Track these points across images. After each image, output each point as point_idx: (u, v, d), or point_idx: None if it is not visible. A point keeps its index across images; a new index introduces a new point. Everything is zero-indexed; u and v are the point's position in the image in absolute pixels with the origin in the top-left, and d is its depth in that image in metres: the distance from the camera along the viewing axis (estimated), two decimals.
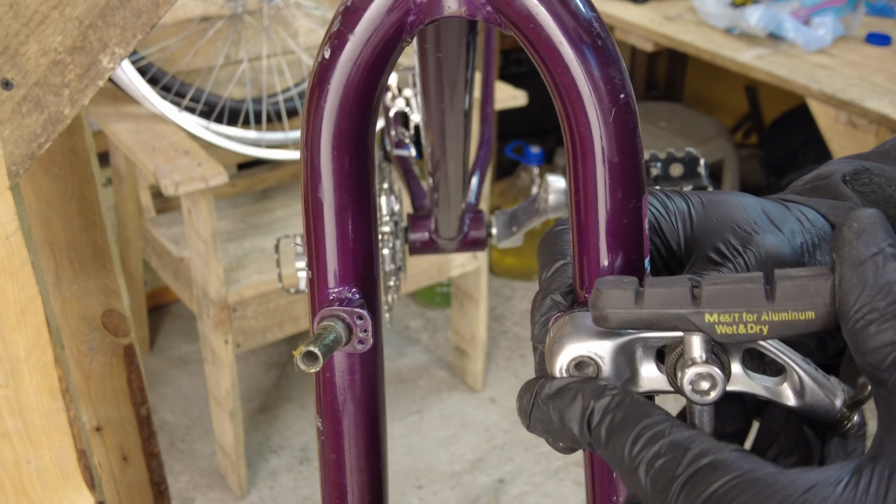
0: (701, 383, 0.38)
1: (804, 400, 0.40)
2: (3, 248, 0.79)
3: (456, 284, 2.35)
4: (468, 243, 1.13)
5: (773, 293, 0.36)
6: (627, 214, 0.41)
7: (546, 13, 0.40)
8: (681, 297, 0.37)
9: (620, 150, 0.41)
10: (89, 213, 1.06)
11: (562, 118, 0.42)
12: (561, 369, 0.40)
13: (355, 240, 0.45)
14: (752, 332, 0.36)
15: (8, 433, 0.88)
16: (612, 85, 0.40)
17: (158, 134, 1.90)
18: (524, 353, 2.57)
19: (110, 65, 0.73)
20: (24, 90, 0.72)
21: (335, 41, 0.42)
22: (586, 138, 0.41)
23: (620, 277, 0.38)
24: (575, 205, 0.42)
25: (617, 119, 0.40)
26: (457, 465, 2.20)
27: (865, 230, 0.36)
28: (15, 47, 0.71)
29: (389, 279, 1.15)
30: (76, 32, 0.71)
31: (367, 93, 0.43)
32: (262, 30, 2.17)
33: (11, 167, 0.75)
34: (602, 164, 0.41)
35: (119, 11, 0.71)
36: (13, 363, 0.85)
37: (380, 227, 1.12)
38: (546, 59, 0.40)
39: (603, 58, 0.40)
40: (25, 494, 0.91)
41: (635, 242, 0.42)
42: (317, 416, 0.50)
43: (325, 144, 0.43)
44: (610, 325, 0.38)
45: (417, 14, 0.42)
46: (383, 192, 1.11)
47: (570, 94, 0.40)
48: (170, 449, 2.23)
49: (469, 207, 1.13)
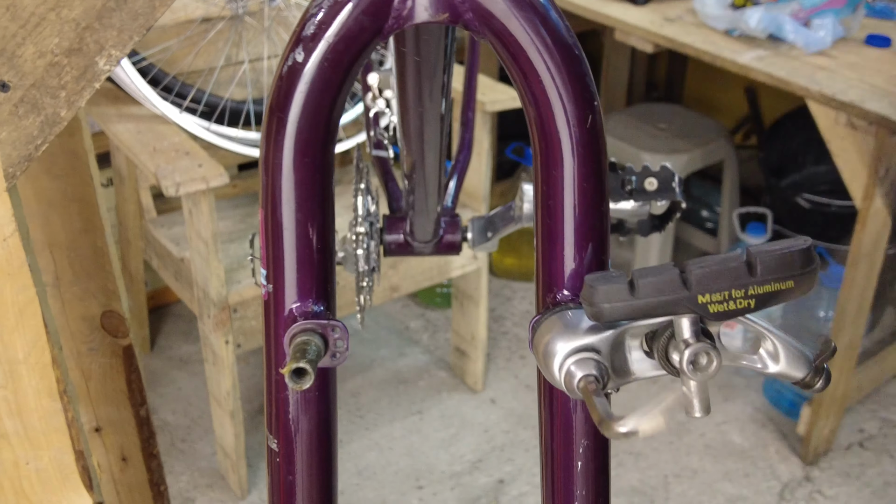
0: (700, 360, 0.39)
1: (779, 364, 0.43)
2: (1, 249, 0.79)
3: (456, 285, 2.35)
4: (443, 247, 1.14)
5: (755, 269, 0.38)
6: (598, 216, 0.42)
7: (526, 23, 0.41)
8: (673, 284, 0.39)
9: (593, 156, 0.42)
10: (89, 214, 1.07)
11: (533, 125, 0.42)
12: (559, 367, 0.41)
13: (318, 250, 0.44)
14: (741, 307, 0.39)
15: (6, 434, 0.88)
16: (588, 92, 0.41)
17: (159, 135, 1.90)
18: (524, 354, 2.57)
19: (107, 67, 0.73)
20: (20, 92, 0.73)
21: (309, 44, 0.41)
22: (561, 145, 0.41)
23: (606, 273, 0.40)
24: (546, 210, 0.43)
25: (591, 125, 0.41)
26: (457, 465, 2.20)
27: None
28: (12, 49, 0.71)
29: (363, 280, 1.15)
30: (73, 34, 0.71)
31: (335, 96, 0.42)
32: (263, 31, 2.17)
33: (8, 169, 0.75)
34: (576, 169, 0.42)
35: (116, 14, 0.71)
36: (11, 364, 0.85)
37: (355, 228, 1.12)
38: (523, 67, 0.41)
39: (579, 67, 0.41)
40: (24, 495, 0.92)
41: (603, 242, 0.43)
42: (270, 437, 0.48)
43: (289, 150, 0.42)
44: (607, 319, 0.39)
45: (396, 19, 0.42)
46: (360, 192, 1.10)
47: (546, 101, 0.41)
48: (170, 449, 2.23)
49: (445, 211, 1.13)
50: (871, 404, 2.39)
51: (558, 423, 0.45)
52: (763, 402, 2.40)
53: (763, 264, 0.38)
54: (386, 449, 2.24)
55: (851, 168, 1.88)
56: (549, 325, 0.42)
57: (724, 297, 0.39)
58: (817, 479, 2.17)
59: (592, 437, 0.45)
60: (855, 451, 2.25)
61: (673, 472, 2.18)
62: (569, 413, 0.45)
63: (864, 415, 2.36)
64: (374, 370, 2.48)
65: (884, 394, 2.43)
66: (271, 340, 0.44)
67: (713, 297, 0.39)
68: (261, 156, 0.43)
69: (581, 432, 0.45)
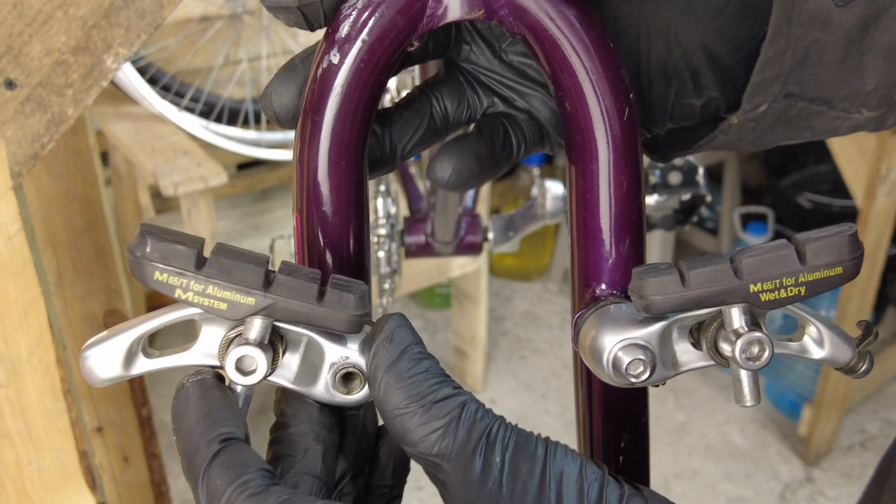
0: (753, 349, 0.39)
1: (824, 350, 0.43)
2: (6, 248, 0.78)
3: (456, 285, 2.35)
4: (464, 247, 1.13)
5: (805, 256, 0.39)
6: (636, 209, 0.43)
7: (560, 17, 0.40)
8: (725, 273, 0.39)
9: (630, 148, 0.42)
10: (92, 213, 1.06)
11: (568, 120, 0.42)
12: (609, 361, 0.40)
13: (355, 253, 0.44)
14: (791, 295, 0.39)
15: (10, 434, 0.88)
16: (623, 84, 0.41)
17: (158, 134, 1.90)
18: (524, 355, 2.57)
19: (114, 65, 0.72)
20: (27, 90, 0.72)
21: (344, 45, 0.41)
22: (596, 138, 0.41)
23: (655, 264, 0.40)
24: (583, 204, 0.43)
25: (628, 118, 0.41)
26: None
27: (394, 333, 0.38)
28: (19, 47, 0.70)
29: (385, 282, 1.15)
30: (80, 33, 0.71)
31: (371, 98, 0.42)
32: (262, 30, 2.17)
33: (14, 167, 0.75)
34: (612, 162, 0.42)
35: (123, 12, 0.70)
36: (15, 364, 0.85)
37: (376, 230, 1.12)
38: (557, 62, 0.41)
39: (613, 60, 0.41)
40: (27, 495, 0.91)
41: (640, 235, 0.43)
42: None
43: (324, 153, 0.42)
44: (659, 311, 0.39)
45: (431, 17, 0.41)
46: (380, 194, 1.10)
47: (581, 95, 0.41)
48: (170, 450, 2.22)
49: (466, 211, 1.13)
50: (872, 405, 2.39)
51: (598, 418, 0.45)
52: (764, 402, 2.40)
53: (812, 251, 0.39)
54: None
55: (853, 167, 1.88)
56: (594, 320, 0.41)
57: (775, 285, 0.39)
58: (818, 480, 2.17)
59: (634, 431, 0.45)
60: (856, 452, 2.25)
61: (674, 473, 2.18)
62: (610, 407, 0.45)
63: (865, 415, 2.35)
64: None
65: (885, 394, 2.43)
66: None
67: (764, 286, 0.39)
68: (295, 158, 0.43)
69: (623, 426, 0.45)
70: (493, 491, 0.36)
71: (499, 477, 0.36)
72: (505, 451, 0.37)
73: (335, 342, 0.40)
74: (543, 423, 2.29)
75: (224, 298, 0.37)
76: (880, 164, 1.81)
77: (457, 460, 0.36)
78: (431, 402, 0.37)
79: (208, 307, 0.37)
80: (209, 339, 0.40)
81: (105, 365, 0.40)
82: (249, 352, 0.38)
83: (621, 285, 0.43)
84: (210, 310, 0.38)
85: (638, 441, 0.46)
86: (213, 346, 0.40)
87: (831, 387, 2.09)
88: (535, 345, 2.61)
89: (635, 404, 0.45)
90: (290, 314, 0.38)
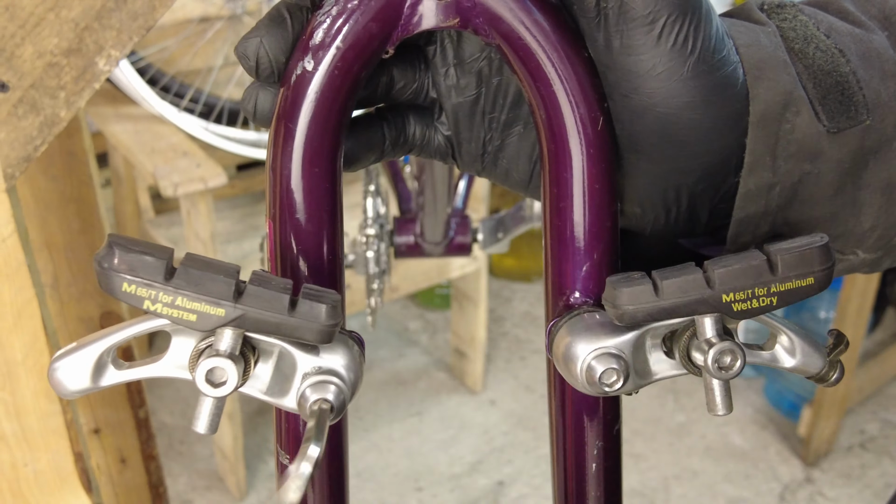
0: (725, 359, 0.40)
1: (795, 359, 0.44)
2: (0, 250, 0.78)
3: (455, 286, 2.35)
4: (454, 248, 1.13)
5: (776, 267, 0.39)
6: (610, 217, 0.43)
7: (535, 27, 0.41)
8: (697, 283, 0.39)
9: (603, 157, 0.42)
10: (87, 214, 1.06)
11: (542, 128, 0.42)
12: (582, 370, 0.40)
13: (329, 260, 0.43)
14: (764, 305, 0.39)
15: (5, 436, 0.88)
16: (598, 94, 0.41)
17: (157, 135, 1.90)
18: (524, 355, 2.57)
19: (106, 67, 0.72)
20: (19, 92, 0.72)
21: (318, 52, 0.41)
22: (570, 147, 0.41)
23: (628, 274, 0.40)
24: (556, 212, 0.43)
25: (602, 127, 0.41)
26: (456, 467, 2.19)
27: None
28: (10, 49, 0.70)
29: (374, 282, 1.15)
30: (72, 35, 0.71)
31: (344, 104, 0.42)
32: None
33: (7, 170, 0.75)
34: (586, 171, 0.42)
35: (115, 14, 0.70)
36: (10, 366, 0.85)
37: (365, 230, 1.12)
38: (532, 70, 0.41)
39: (588, 69, 0.41)
40: (22, 497, 0.91)
41: (614, 244, 0.44)
42: (281, 452, 0.47)
43: (297, 159, 0.42)
44: (632, 321, 0.40)
45: (405, 25, 0.41)
46: (369, 194, 1.10)
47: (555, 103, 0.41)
48: (168, 451, 2.23)
49: (455, 212, 1.13)
50: (871, 405, 2.39)
51: (571, 426, 0.45)
52: (764, 403, 2.40)
53: (784, 262, 0.39)
54: (385, 450, 2.23)
55: None
56: (568, 328, 0.42)
57: (747, 295, 0.39)
58: (818, 481, 2.17)
59: (606, 439, 0.45)
60: (856, 453, 2.25)
61: (673, 474, 2.18)
62: (582, 415, 0.45)
63: (864, 416, 2.35)
64: (373, 371, 2.47)
65: (885, 395, 2.42)
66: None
67: (737, 296, 0.39)
68: (267, 164, 0.43)
69: (595, 434, 0.45)
70: None
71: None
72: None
73: (307, 352, 0.40)
74: (543, 424, 2.29)
75: (193, 310, 0.37)
76: None
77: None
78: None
79: (177, 318, 0.37)
80: (180, 350, 0.40)
81: (74, 377, 0.40)
82: (220, 363, 0.38)
83: (595, 294, 0.43)
84: (179, 321, 0.37)
85: (611, 449, 0.46)
86: (184, 357, 0.40)
87: (830, 388, 2.09)
88: (534, 345, 2.61)
89: (608, 412, 0.45)
90: (260, 325, 0.38)
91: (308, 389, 0.40)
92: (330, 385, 0.40)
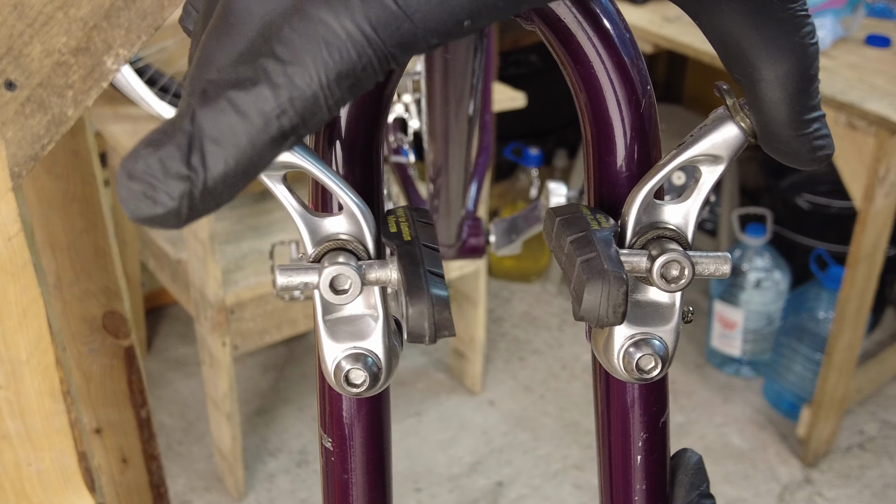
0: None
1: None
2: (5, 249, 0.78)
3: (454, 286, 2.35)
4: (467, 250, 1.13)
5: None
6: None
7: (576, 6, 0.40)
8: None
9: (646, 141, 0.41)
10: (91, 214, 1.06)
11: (585, 112, 0.42)
12: (620, 357, 0.41)
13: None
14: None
15: (8, 435, 0.88)
16: (641, 75, 0.41)
17: None
18: (523, 356, 2.57)
19: (114, 66, 0.72)
20: (27, 91, 0.72)
21: None
22: (614, 131, 0.41)
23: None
24: (600, 198, 0.42)
25: (645, 109, 0.41)
26: (455, 467, 2.19)
27: None
28: (19, 48, 0.70)
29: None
30: (80, 34, 0.71)
31: (381, 100, 0.42)
32: None
33: (14, 168, 0.75)
34: (630, 156, 0.41)
35: (124, 13, 0.70)
36: (14, 365, 0.84)
37: None
38: (574, 53, 0.40)
39: (630, 50, 0.41)
40: (25, 497, 0.91)
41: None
42: (324, 436, 0.47)
43: (338, 158, 0.42)
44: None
45: None
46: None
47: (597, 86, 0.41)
48: (167, 451, 2.22)
49: (468, 214, 1.13)
50: (870, 406, 2.39)
51: (616, 419, 0.45)
52: (763, 403, 2.40)
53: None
54: None
55: (851, 169, 1.88)
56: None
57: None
58: (817, 481, 2.17)
59: (652, 431, 0.45)
60: (855, 453, 2.25)
61: None
62: (627, 407, 0.45)
63: (863, 416, 2.36)
64: None
65: (884, 395, 2.43)
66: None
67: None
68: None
69: (640, 426, 0.45)
70: None
71: None
72: None
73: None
74: (542, 425, 2.29)
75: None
76: (879, 166, 1.81)
77: None
78: None
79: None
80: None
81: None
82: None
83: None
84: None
85: (657, 441, 0.45)
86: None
87: (830, 388, 2.09)
88: (533, 346, 2.61)
89: (654, 404, 0.45)
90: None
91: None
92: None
